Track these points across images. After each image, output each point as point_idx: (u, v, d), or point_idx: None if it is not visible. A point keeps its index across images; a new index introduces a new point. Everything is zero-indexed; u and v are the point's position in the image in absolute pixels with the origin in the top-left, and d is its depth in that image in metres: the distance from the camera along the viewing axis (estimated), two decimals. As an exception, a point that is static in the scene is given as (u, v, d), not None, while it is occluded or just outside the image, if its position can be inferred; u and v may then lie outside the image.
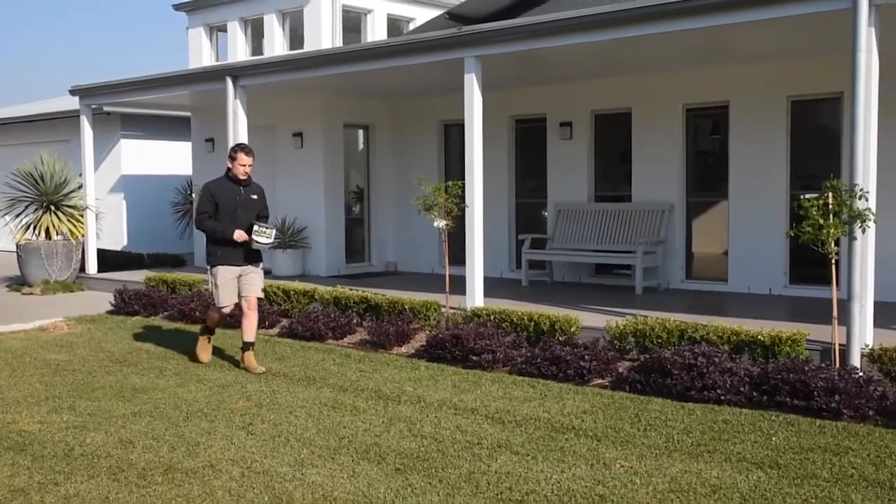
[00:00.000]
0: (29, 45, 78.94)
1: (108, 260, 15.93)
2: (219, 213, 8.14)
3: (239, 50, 21.35)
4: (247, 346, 8.30)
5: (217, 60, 21.87)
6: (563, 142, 13.25)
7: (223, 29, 21.94)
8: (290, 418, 6.55)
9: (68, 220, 14.94)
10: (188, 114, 17.28)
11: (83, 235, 15.03)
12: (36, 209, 15.01)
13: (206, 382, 7.75)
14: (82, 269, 15.09)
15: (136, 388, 7.59)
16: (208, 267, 8.33)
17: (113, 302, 12.08)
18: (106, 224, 18.03)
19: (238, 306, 8.39)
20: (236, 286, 8.27)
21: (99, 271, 15.18)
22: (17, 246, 14.71)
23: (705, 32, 8.71)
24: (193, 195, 13.51)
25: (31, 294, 14.03)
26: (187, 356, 8.84)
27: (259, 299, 8.51)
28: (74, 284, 14.64)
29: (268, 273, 14.09)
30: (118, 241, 19.28)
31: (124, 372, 8.24)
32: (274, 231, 8.33)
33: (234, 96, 12.52)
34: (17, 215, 15.14)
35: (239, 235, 8.05)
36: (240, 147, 8.37)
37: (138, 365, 8.54)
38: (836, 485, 4.97)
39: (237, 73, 12.61)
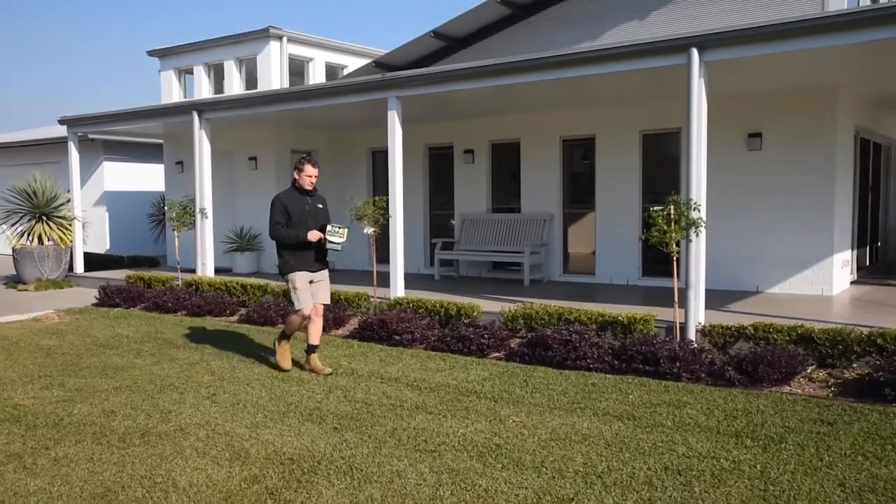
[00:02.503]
0: (23, 81, 75.33)
1: (93, 261, 15.34)
2: (291, 222, 6.89)
3: (203, 89, 20.85)
4: (311, 349, 7.07)
5: (185, 97, 21.33)
6: (466, 165, 13.32)
7: (190, 72, 21.41)
8: (248, 389, 6.41)
9: (58, 229, 14.36)
10: (161, 141, 16.76)
11: (71, 241, 14.44)
12: (30, 219, 14.39)
13: (177, 361, 7.52)
14: (70, 269, 14.48)
15: (117, 366, 7.31)
16: (285, 275, 6.97)
17: (97, 296, 11.63)
18: (91, 231, 17.35)
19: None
20: (311, 290, 7.01)
21: (85, 271, 14.57)
22: (14, 250, 14.04)
23: (572, 81, 8.85)
24: (166, 208, 13.09)
25: (26, 290, 13.38)
26: (167, 342, 8.57)
27: (325, 305, 7.29)
28: (64, 282, 14.02)
29: (228, 271, 13.81)
30: (102, 245, 18.56)
31: (107, 354, 7.93)
32: (346, 231, 6.97)
33: (199, 127, 12.20)
34: (13, 224, 14.48)
35: (314, 235, 6.82)
36: (306, 159, 7.01)
37: (119, 348, 8.23)
38: (677, 431, 5.12)
39: (202, 108, 12.29)
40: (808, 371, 6.39)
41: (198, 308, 10.27)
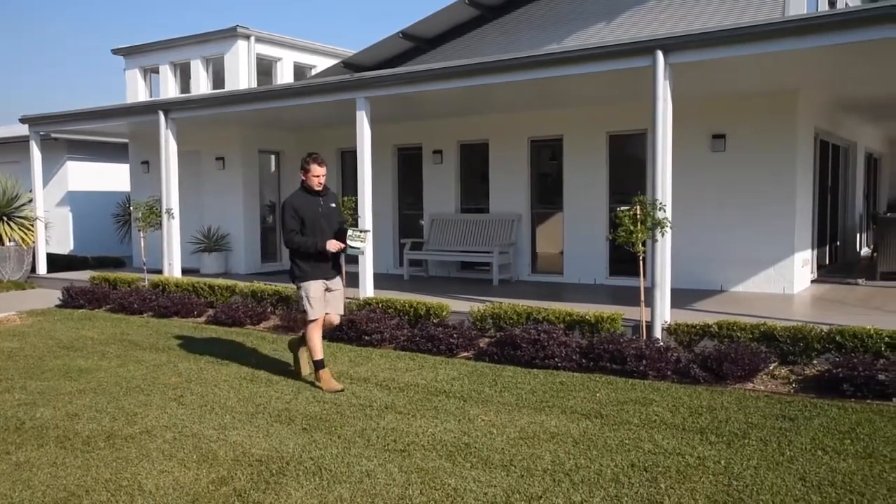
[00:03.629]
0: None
1: (57, 262, 15.05)
2: (304, 226, 6.33)
3: (170, 88, 20.60)
4: (320, 365, 6.50)
5: (151, 97, 21.04)
6: (435, 166, 13.32)
7: (156, 71, 21.13)
8: (215, 390, 6.33)
9: (20, 229, 14.06)
10: (126, 140, 16.50)
11: (33, 242, 14.14)
12: (-10, 220, 14.07)
13: (143, 363, 7.40)
14: (33, 270, 14.19)
15: (82, 369, 7.18)
16: (296, 284, 6.46)
17: (61, 297, 11.41)
18: (54, 232, 17.04)
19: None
20: (325, 299, 6.49)
21: (48, 272, 14.29)
22: (-26, 251, 13.72)
23: (540, 82, 8.89)
24: (131, 209, 12.88)
25: (-13, 292, 13.08)
26: (133, 344, 8.43)
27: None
28: (26, 283, 13.72)
29: (195, 272, 13.64)
30: (66, 246, 18.22)
31: (71, 356, 7.77)
32: (369, 234, 6.42)
33: (165, 127, 12.03)
34: (-27, 225, 14.15)
35: (334, 245, 6.30)
36: (311, 158, 6.45)
37: (83, 350, 8.08)
38: (643, 428, 5.17)
39: (168, 107, 12.12)
40: (771, 368, 6.50)
41: (164, 309, 10.13)
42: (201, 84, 20.02)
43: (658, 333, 7.39)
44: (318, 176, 6.45)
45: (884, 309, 8.52)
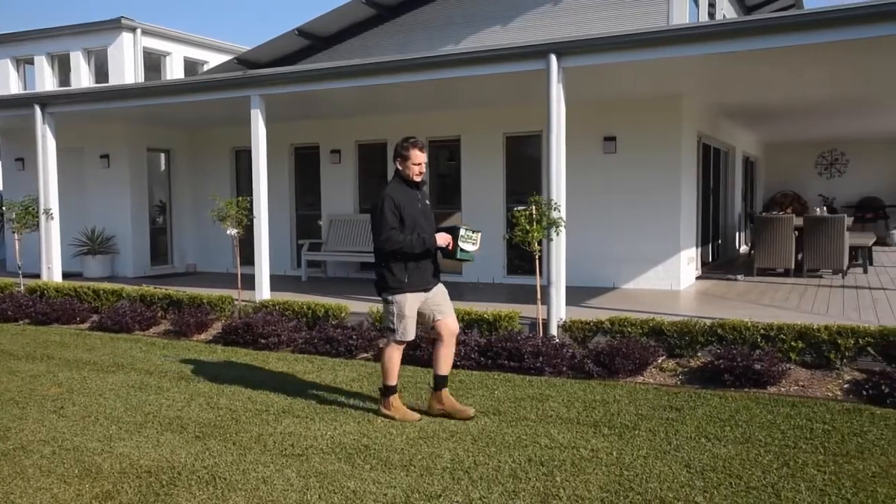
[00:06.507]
0: None
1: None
2: (403, 227, 5.32)
3: (46, 81, 19.49)
4: (441, 383, 5.47)
5: (25, 89, 19.82)
6: (333, 165, 13.18)
7: (30, 62, 19.94)
8: (100, 400, 6.02)
9: None
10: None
11: None
12: None
13: (18, 374, 6.94)
14: None
15: (-51, 382, 6.67)
16: (385, 297, 5.40)
17: (-76, 305, 10.53)
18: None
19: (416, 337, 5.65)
20: (426, 310, 5.46)
21: None
22: None
23: (436, 83, 8.92)
24: (4, 209, 12.06)
25: None
26: (6, 353, 7.88)
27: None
28: None
29: (79, 276, 12.94)
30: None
31: (-64, 368, 7.21)
32: (480, 235, 5.57)
33: (42, 122, 11.32)
34: None
35: (444, 239, 5.39)
36: (411, 143, 5.43)
37: (-50, 361, 7.51)
38: (540, 423, 5.29)
39: (45, 101, 11.42)
40: (659, 361, 6.79)
41: (43, 316, 9.56)
42: (82, 77, 19.05)
43: (554, 331, 7.55)
44: (419, 164, 5.42)
45: (759, 303, 9.08)
